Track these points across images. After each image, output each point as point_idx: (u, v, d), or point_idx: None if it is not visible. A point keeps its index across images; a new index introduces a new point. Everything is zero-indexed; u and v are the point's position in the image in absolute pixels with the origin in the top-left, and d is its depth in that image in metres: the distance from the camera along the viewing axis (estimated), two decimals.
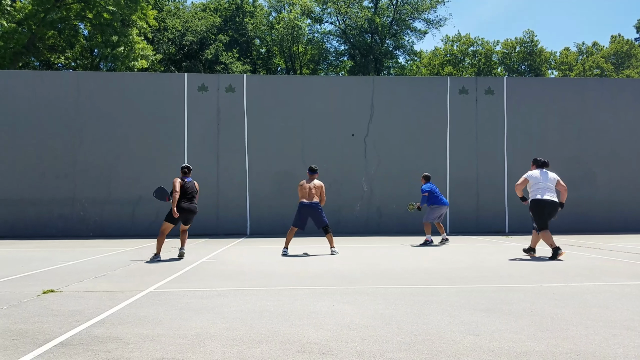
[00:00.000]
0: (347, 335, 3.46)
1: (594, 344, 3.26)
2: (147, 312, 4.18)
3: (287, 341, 3.33)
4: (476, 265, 7.24)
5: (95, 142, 13.78)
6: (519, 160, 14.67)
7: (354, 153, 14.18)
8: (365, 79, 15.91)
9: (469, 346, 3.22)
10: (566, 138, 14.83)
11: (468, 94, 14.78)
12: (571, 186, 14.74)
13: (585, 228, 14.45)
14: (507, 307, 4.33)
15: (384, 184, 14.36)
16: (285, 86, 14.67)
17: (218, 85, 14.25)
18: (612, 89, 15.32)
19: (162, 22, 34.39)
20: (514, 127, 14.77)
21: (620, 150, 14.90)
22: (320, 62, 42.00)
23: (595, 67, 40.52)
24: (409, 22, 39.86)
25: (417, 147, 14.50)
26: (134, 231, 13.58)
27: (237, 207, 14.03)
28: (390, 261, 7.78)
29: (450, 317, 3.97)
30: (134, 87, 14.09)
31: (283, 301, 4.62)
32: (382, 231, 14.13)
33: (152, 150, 13.91)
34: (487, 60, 41.73)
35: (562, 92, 15.08)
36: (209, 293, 5.07)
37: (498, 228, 14.53)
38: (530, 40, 41.39)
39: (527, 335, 3.47)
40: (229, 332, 3.56)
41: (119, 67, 26.27)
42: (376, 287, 5.37)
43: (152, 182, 13.97)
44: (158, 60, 32.52)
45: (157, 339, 3.38)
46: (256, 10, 40.17)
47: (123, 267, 7.16)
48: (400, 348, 3.18)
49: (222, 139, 14.12)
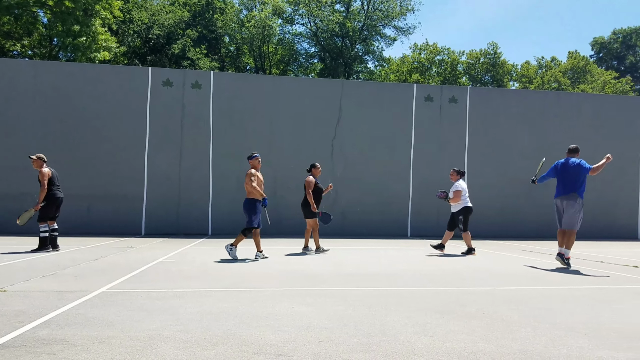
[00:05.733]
0: (304, 337, 3.45)
1: (540, 344, 3.39)
2: (97, 313, 4.04)
3: (243, 343, 3.28)
4: (434, 268, 7.37)
5: (52, 134, 13.27)
6: (479, 167, 15.07)
7: (320, 155, 14.19)
8: (335, 82, 15.97)
9: (423, 347, 3.27)
10: (524, 147, 15.33)
11: (433, 101, 15.07)
12: (527, 194, 15.27)
13: (539, 234, 14.97)
14: (461, 309, 4.43)
15: (350, 187, 14.44)
16: (253, 85, 14.55)
17: (184, 81, 13.99)
18: (568, 102, 15.97)
19: (128, 14, 33.49)
20: (476, 135, 15.15)
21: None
22: (291, 63, 41.91)
23: (554, 81, 42.05)
24: (379, 28, 40.34)
25: (382, 151, 14.67)
26: (90, 228, 13.14)
27: (199, 206, 13.80)
28: (352, 263, 7.82)
29: (406, 319, 4.02)
30: (95, 79, 13.65)
31: (242, 303, 4.56)
32: (345, 233, 14.20)
33: (111, 144, 13.51)
34: (453, 70, 42.67)
35: (522, 103, 15.59)
36: (165, 294, 4.95)
37: (456, 232, 14.83)
38: (494, 52, 42.59)
39: (478, 336, 3.56)
40: (183, 334, 3.49)
41: (79, 57, 25.37)
42: (337, 289, 5.39)
43: (110, 178, 13.60)
44: (122, 53, 31.64)
45: (106, 341, 3.27)
46: (227, 7, 39.71)
47: (74, 266, 6.91)
48: (357, 349, 3.20)
49: (185, 136, 13.87)
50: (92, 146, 13.45)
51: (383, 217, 14.56)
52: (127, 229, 13.32)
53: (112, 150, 13.50)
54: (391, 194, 14.67)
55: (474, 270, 7.25)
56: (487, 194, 15.05)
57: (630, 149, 15.85)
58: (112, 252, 8.69)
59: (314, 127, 14.42)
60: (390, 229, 14.59)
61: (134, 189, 13.51)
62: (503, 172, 15.20)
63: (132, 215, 13.46)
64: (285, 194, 13.61)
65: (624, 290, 5.72)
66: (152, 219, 13.50)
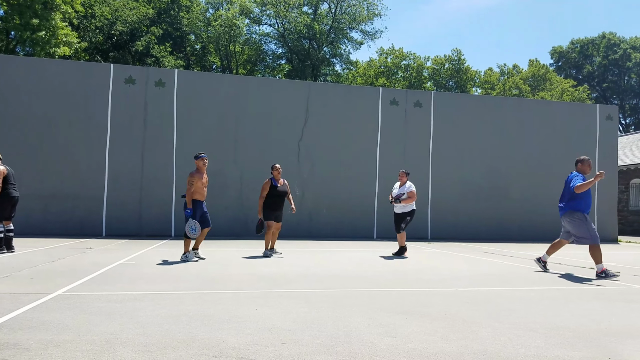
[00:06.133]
0: (267, 339, 3.42)
1: (499, 344, 3.47)
2: (52, 317, 3.89)
3: (205, 346, 3.23)
4: (398, 269, 7.46)
5: (6, 131, 12.72)
6: (442, 170, 15.38)
7: (287, 156, 14.15)
8: (302, 83, 15.97)
9: (386, 348, 3.30)
10: (485, 150, 15.75)
11: (398, 105, 15.28)
12: (488, 196, 15.70)
13: (500, 236, 15.40)
14: (423, 310, 4.49)
15: (316, 188, 14.46)
16: (219, 84, 14.37)
17: (147, 79, 13.68)
18: (528, 109, 16.51)
19: (90, 9, 32.49)
20: (439, 138, 15.46)
21: (532, 165, 16.05)
22: (258, 63, 41.65)
23: (515, 88, 43.36)
24: (346, 31, 40.61)
25: (348, 153, 14.76)
26: (47, 229, 12.67)
27: (162, 206, 13.51)
28: (317, 265, 7.82)
29: (369, 320, 4.05)
30: (55, 75, 13.19)
31: (204, 305, 4.48)
32: (312, 235, 14.20)
33: (71, 143, 13.08)
34: (418, 75, 43.40)
35: (484, 108, 16.03)
36: (124, 297, 4.81)
37: (421, 234, 15.10)
38: (458, 58, 43.55)
39: (440, 336, 3.61)
40: (143, 337, 3.40)
41: (38, 52, 24.45)
42: (301, 291, 5.37)
43: (69, 177, 13.15)
44: (83, 49, 30.68)
45: (61, 345, 3.15)
46: (192, 5, 39.10)
47: (30, 267, 6.64)
48: (320, 351, 3.19)
49: (148, 134, 13.56)
50: (50, 144, 12.98)
51: (349, 219, 14.64)
52: (87, 230, 12.91)
53: (72, 149, 13.08)
54: (357, 196, 14.78)
55: (436, 272, 7.37)
56: (450, 196, 15.39)
57: (587, 154, 16.47)
58: (70, 254, 8.40)
59: (281, 128, 14.37)
60: (357, 230, 14.69)
61: (95, 189, 13.12)
62: (465, 175, 15.57)
63: (93, 216, 13.06)
64: (251, 195, 13.50)
65: (580, 290, 5.94)
66: (113, 219, 13.13)
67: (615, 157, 17.05)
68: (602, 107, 17.18)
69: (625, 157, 23.57)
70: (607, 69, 50.80)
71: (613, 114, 17.07)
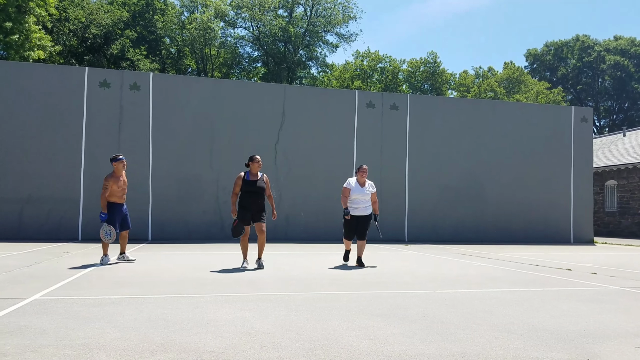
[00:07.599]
0: (246, 343, 3.42)
1: (478, 346, 3.52)
2: (29, 321, 3.83)
3: (183, 350, 3.22)
4: (376, 272, 7.52)
5: None
6: (419, 173, 15.56)
7: (264, 160, 14.06)
8: (278, 86, 15.97)
9: (365, 350, 3.33)
10: (461, 153, 15.99)
11: (374, 108, 15.42)
12: (465, 198, 15.94)
13: (478, 238, 15.65)
14: (402, 312, 4.55)
15: (293, 192, 14.47)
16: (195, 88, 14.27)
17: (122, 82, 13.51)
18: (503, 111, 16.82)
19: (64, 12, 31.86)
20: (415, 141, 15.64)
21: (507, 167, 16.35)
22: (233, 66, 41.45)
23: (490, 90, 44.13)
24: (321, 34, 40.76)
25: (325, 156, 14.81)
26: (22, 233, 12.37)
27: (138, 210, 13.29)
28: (295, 268, 7.83)
29: (349, 323, 4.09)
30: (29, 79, 12.91)
31: (182, 309, 4.46)
32: (289, 238, 14.19)
33: (46, 146, 12.81)
34: (394, 78, 43.82)
35: (459, 110, 16.28)
36: (102, 301, 4.75)
37: (398, 237, 15.24)
38: (433, 61, 44.14)
39: (419, 338, 3.66)
40: (121, 341, 3.37)
41: (12, 56, 23.88)
42: (280, 294, 5.38)
43: (44, 181, 12.86)
44: (57, 52, 30.07)
45: (39, 350, 3.11)
46: (167, 8, 38.72)
47: (5, 272, 6.49)
48: (299, 354, 3.21)
49: (123, 138, 13.37)
50: (25, 148, 12.72)
51: (326, 222, 14.67)
52: (63, 234, 12.66)
53: (47, 153, 12.83)
54: (334, 199, 14.78)
55: (414, 274, 7.47)
56: (427, 199, 15.57)
57: (562, 156, 16.87)
58: (46, 258, 8.24)
59: (257, 131, 14.34)
60: (334, 233, 14.70)
61: (70, 193, 12.88)
62: (442, 177, 15.77)
63: (69, 220, 12.82)
64: (228, 198, 13.43)
65: (557, 292, 6.05)
66: (89, 223, 12.89)
67: (590, 158, 17.41)
68: (577, 109, 17.56)
69: (600, 159, 23.98)
70: (582, 71, 51.66)
71: (588, 116, 17.44)
